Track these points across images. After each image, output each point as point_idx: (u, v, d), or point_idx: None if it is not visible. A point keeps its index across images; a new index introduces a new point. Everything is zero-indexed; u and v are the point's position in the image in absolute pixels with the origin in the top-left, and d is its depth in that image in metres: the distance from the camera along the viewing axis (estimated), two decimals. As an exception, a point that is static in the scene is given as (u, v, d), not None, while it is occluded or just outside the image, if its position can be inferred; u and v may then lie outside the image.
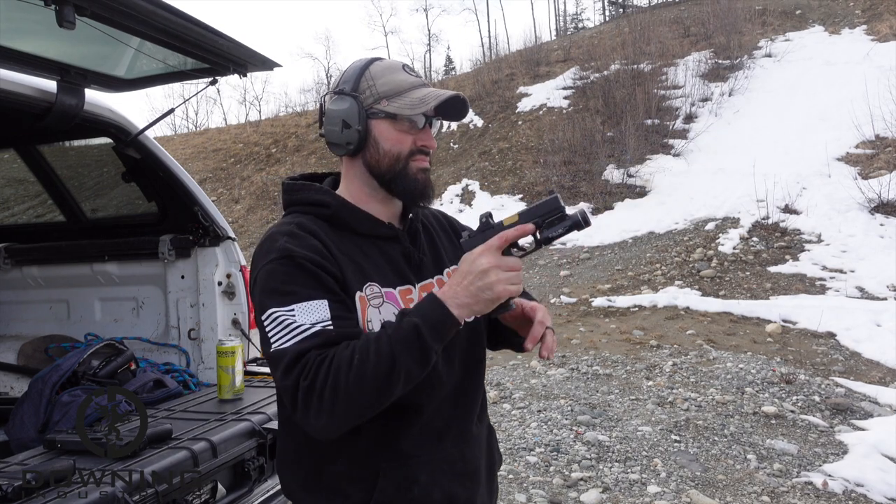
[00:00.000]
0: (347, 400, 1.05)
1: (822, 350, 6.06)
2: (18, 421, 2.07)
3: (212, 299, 2.69)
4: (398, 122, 1.22)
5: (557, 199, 1.13)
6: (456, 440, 1.26)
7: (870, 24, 16.43)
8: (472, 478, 1.28)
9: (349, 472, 1.20)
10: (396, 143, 1.23)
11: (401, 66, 1.27)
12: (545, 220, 1.13)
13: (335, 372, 1.05)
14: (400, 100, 1.21)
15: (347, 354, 1.07)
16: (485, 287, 1.07)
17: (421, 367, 1.08)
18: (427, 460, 1.21)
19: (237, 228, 15.26)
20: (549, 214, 1.13)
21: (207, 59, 2.15)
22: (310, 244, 1.18)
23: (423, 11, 51.51)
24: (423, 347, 1.07)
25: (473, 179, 14.59)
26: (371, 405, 1.08)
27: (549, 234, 1.13)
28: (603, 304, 7.76)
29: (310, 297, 1.13)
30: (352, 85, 1.23)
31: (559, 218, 1.13)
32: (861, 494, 3.47)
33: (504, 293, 1.08)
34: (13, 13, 1.76)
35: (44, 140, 2.90)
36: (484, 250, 1.09)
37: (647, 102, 14.82)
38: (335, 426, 1.09)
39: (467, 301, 1.08)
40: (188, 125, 34.77)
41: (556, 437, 4.16)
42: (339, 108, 1.23)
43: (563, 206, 1.13)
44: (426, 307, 1.09)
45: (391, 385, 1.06)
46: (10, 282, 3.11)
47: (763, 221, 9.70)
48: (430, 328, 1.07)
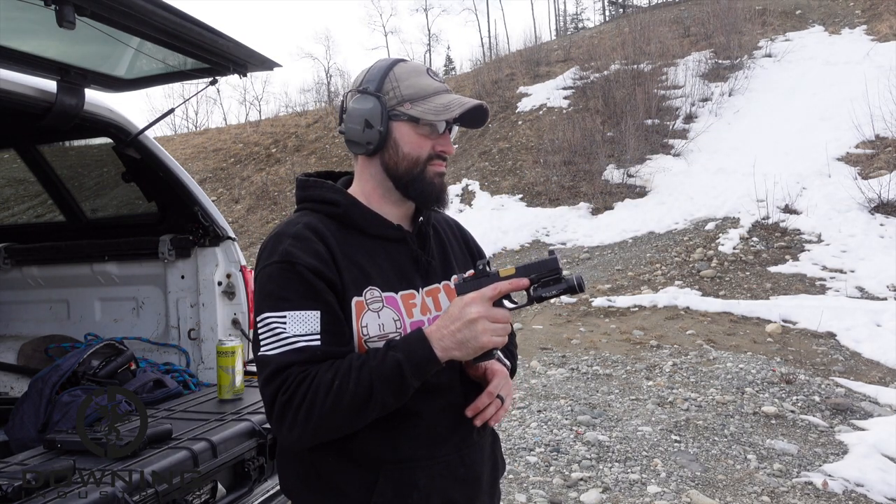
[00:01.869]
0: (321, 421, 1.09)
1: (822, 350, 6.06)
2: (18, 421, 2.07)
3: (212, 299, 2.69)
4: (420, 126, 1.23)
5: (556, 261, 1.15)
6: (458, 446, 1.26)
7: (870, 24, 16.43)
8: (473, 484, 1.28)
9: (349, 473, 1.21)
10: (416, 147, 1.24)
11: (425, 69, 1.28)
12: (541, 279, 1.14)
13: (313, 393, 1.09)
14: (424, 104, 1.22)
15: (328, 378, 1.09)
16: (471, 336, 1.09)
17: (398, 399, 1.12)
18: (427, 465, 1.21)
19: (237, 228, 15.26)
20: (547, 274, 1.14)
21: (207, 59, 2.15)
22: (313, 249, 1.19)
23: (423, 11, 51.51)
24: (403, 384, 1.10)
25: (473, 179, 14.58)
26: (343, 428, 1.13)
27: (542, 294, 1.14)
28: (603, 304, 7.76)
29: (303, 307, 1.15)
30: (376, 85, 1.23)
31: (555, 279, 1.14)
32: (861, 494, 3.47)
33: (488, 344, 1.10)
34: (13, 13, 1.76)
35: (44, 140, 2.90)
36: (475, 298, 1.11)
37: (647, 102, 14.81)
38: (305, 440, 1.14)
39: (451, 346, 1.10)
40: (188, 125, 34.79)
41: (556, 437, 4.16)
42: (363, 108, 1.23)
43: (561, 268, 1.15)
44: (412, 344, 1.11)
45: (366, 413, 1.11)
46: (10, 282, 3.11)
47: (763, 221, 9.70)
48: (413, 366, 1.09)
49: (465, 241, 1.46)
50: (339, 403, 1.08)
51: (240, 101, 65.82)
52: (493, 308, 1.11)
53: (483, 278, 1.15)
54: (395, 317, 1.21)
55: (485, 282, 1.14)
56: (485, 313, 1.09)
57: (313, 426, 1.09)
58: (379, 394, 1.09)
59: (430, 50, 40.34)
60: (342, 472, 1.21)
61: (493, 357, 1.15)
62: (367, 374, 1.09)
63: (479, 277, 1.15)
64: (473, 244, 1.47)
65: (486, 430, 1.32)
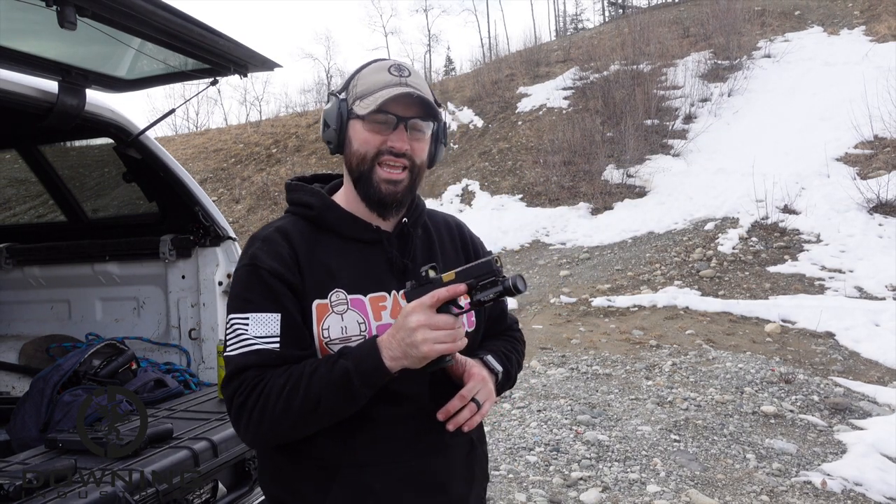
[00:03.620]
0: (272, 424, 1.13)
1: (821, 350, 6.07)
2: (20, 420, 2.08)
3: (212, 299, 2.70)
4: (367, 122, 1.22)
5: (491, 263, 1.10)
6: (422, 453, 1.23)
7: (868, 24, 16.44)
8: (439, 490, 1.24)
9: (307, 474, 1.22)
10: (364, 144, 1.24)
11: (388, 66, 1.25)
12: (479, 282, 1.11)
13: (265, 398, 1.12)
14: (366, 100, 1.22)
15: (280, 384, 1.12)
16: (412, 344, 1.08)
17: (350, 406, 1.13)
18: (384, 471, 1.20)
19: (238, 228, 15.26)
20: (484, 276, 1.10)
21: (208, 59, 2.15)
22: (276, 252, 1.22)
23: (423, 12, 51.46)
24: (351, 392, 1.11)
25: (473, 179, 14.59)
26: (296, 431, 1.15)
27: (480, 297, 1.11)
28: (603, 304, 7.77)
29: (264, 309, 1.18)
30: (341, 85, 1.28)
31: (492, 282, 1.10)
32: (860, 494, 3.48)
33: (431, 352, 1.08)
34: (15, 14, 1.77)
35: (45, 140, 2.91)
36: (416, 307, 1.09)
37: (646, 103, 14.83)
38: (261, 441, 1.20)
39: (398, 355, 1.10)
40: (189, 125, 34.73)
41: (556, 437, 4.17)
42: (326, 109, 1.28)
43: (499, 269, 1.11)
44: (363, 353, 1.12)
45: (316, 418, 1.13)
46: (12, 282, 3.11)
47: (762, 221, 9.71)
48: (361, 375, 1.11)
49: (463, 242, 1.43)
50: (288, 409, 1.11)
51: (240, 101, 65.77)
52: (436, 315, 1.09)
53: (427, 285, 1.13)
54: (360, 319, 1.21)
55: (428, 289, 1.12)
56: (425, 321, 1.07)
57: (266, 429, 1.13)
58: (327, 401, 1.11)
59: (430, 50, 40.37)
60: (301, 472, 1.23)
61: (444, 364, 1.12)
62: (317, 381, 1.11)
63: (423, 285, 1.13)
64: (474, 245, 1.44)
65: (460, 438, 1.26)
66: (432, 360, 1.10)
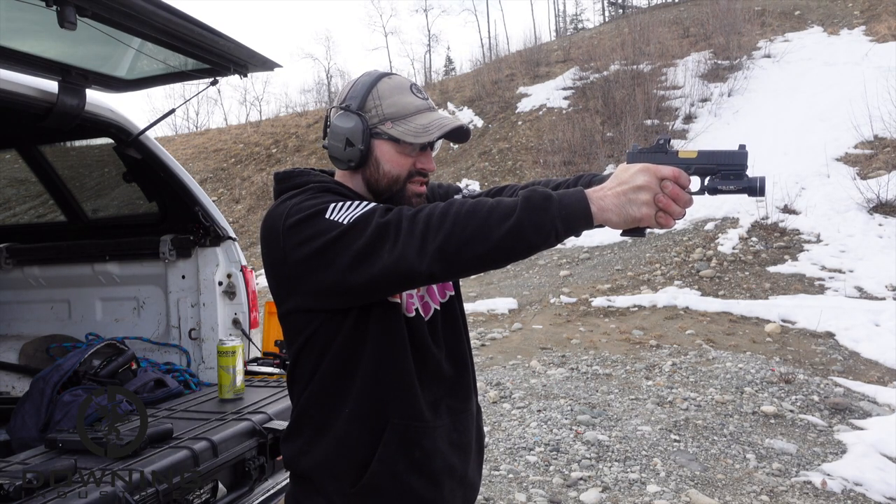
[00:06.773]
0: (454, 225, 1.03)
1: (820, 350, 6.07)
2: (20, 420, 2.08)
3: (212, 299, 2.70)
4: (400, 145, 1.23)
5: (745, 156, 1.05)
6: (451, 413, 1.30)
7: (868, 24, 16.44)
8: (466, 450, 1.33)
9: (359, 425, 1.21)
10: (396, 166, 1.25)
11: (409, 86, 1.27)
12: (721, 170, 1.06)
13: (447, 205, 1.07)
14: (404, 124, 1.22)
15: (459, 198, 1.14)
16: (634, 201, 1.03)
17: (536, 231, 1.03)
18: (431, 427, 1.24)
19: (238, 228, 15.26)
20: (730, 167, 1.05)
21: (208, 59, 2.16)
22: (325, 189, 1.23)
23: (423, 12, 51.47)
24: (548, 212, 1.03)
25: (473, 180, 14.59)
26: (474, 241, 1.04)
27: (718, 186, 1.06)
28: (602, 304, 7.77)
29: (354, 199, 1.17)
30: (358, 102, 1.24)
31: (737, 175, 1.05)
32: (860, 494, 3.48)
33: (645, 218, 1.04)
34: (14, 14, 1.77)
35: (45, 140, 2.91)
36: (650, 168, 1.05)
37: (646, 103, 14.84)
38: (436, 254, 1.04)
39: (610, 206, 1.04)
40: (189, 125, 34.74)
41: (556, 437, 4.17)
42: (345, 126, 1.23)
43: (747, 165, 1.06)
44: (569, 194, 1.06)
45: (501, 230, 1.02)
46: (12, 282, 3.11)
47: (762, 221, 9.71)
48: (562, 207, 1.04)
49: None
50: (475, 213, 1.04)
51: (240, 101, 65.83)
52: (668, 184, 1.04)
53: (659, 154, 1.08)
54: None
55: (660, 157, 1.08)
56: (654, 186, 1.04)
57: (446, 232, 1.03)
58: (523, 212, 1.02)
59: (430, 50, 40.38)
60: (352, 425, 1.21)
61: (642, 235, 1.09)
62: (509, 201, 1.05)
63: (654, 151, 1.09)
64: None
65: (472, 402, 1.37)
66: (637, 226, 1.05)
